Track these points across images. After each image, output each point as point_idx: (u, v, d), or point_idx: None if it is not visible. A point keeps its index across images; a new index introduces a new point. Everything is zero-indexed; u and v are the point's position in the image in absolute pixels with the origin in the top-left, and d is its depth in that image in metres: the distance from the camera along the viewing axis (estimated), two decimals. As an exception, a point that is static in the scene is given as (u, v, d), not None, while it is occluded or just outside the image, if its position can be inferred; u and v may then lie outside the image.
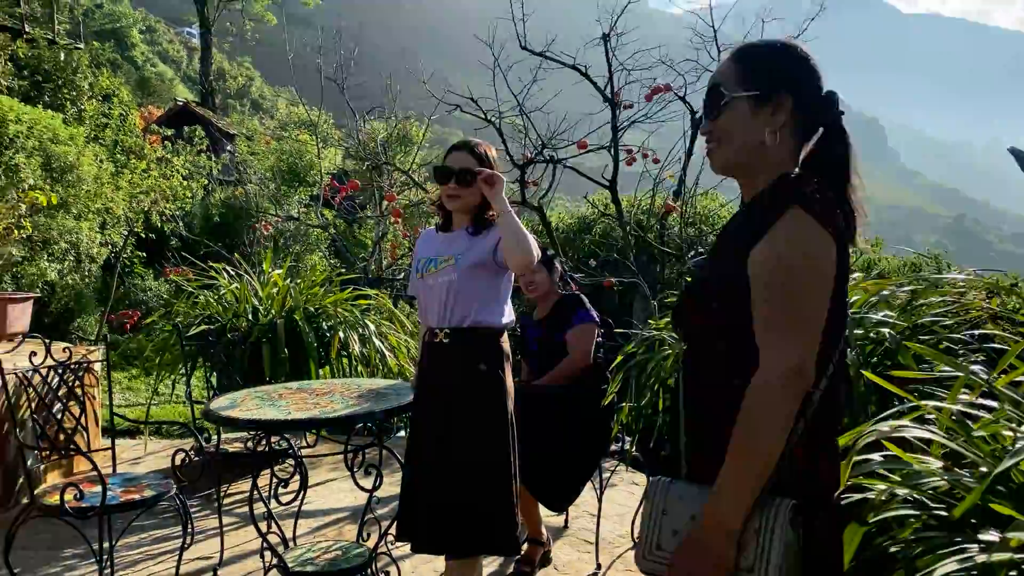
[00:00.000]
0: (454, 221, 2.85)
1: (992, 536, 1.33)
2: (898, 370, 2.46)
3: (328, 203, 10.10)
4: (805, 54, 1.56)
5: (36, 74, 12.85)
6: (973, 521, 1.51)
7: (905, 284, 3.35)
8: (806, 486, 1.41)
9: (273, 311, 5.32)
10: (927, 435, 1.66)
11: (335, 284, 6.02)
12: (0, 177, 7.48)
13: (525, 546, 3.65)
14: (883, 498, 1.60)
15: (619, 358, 3.73)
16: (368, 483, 3.08)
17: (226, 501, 4.41)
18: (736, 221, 1.55)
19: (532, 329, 3.96)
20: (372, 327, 5.48)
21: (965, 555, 1.28)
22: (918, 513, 1.57)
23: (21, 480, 4.23)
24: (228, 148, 19.46)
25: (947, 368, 2.25)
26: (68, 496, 2.86)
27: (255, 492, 2.92)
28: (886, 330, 2.90)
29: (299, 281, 5.81)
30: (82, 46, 18.19)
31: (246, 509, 4.19)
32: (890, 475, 1.70)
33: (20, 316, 5.06)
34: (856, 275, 3.91)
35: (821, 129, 1.55)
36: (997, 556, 1.22)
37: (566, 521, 4.27)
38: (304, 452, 4.04)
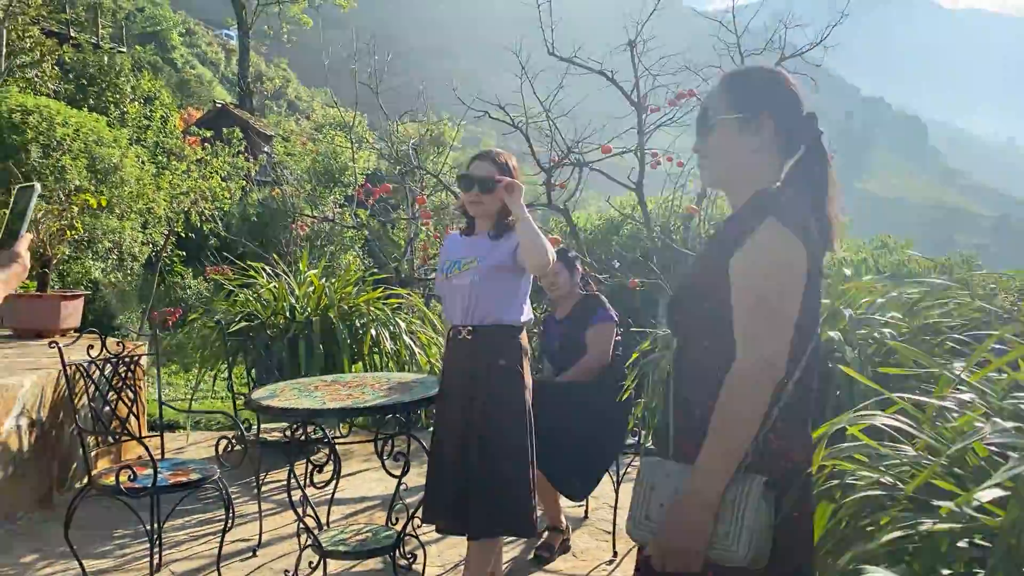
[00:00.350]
0: (477, 225, 3.04)
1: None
2: (900, 368, 2.61)
3: (362, 204, 10.34)
4: (786, 79, 1.74)
5: (81, 78, 13.29)
6: (935, 503, 1.68)
7: (891, 288, 3.49)
8: (779, 466, 1.59)
9: (309, 309, 5.55)
10: (896, 424, 1.83)
11: (368, 283, 6.25)
12: (48, 179, 7.84)
13: (545, 533, 3.85)
14: (851, 480, 1.77)
15: (635, 355, 3.90)
16: (397, 471, 3.30)
17: (264, 489, 4.64)
18: (721, 230, 1.73)
19: (553, 327, 4.14)
20: (403, 325, 5.68)
21: (911, 527, 1.45)
22: (888, 493, 1.74)
23: (75, 467, 4.51)
24: (265, 149, 19.83)
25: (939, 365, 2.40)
26: (123, 477, 3.11)
27: (292, 478, 3.15)
28: (887, 330, 3.05)
29: (334, 281, 6.03)
30: (124, 50, 18.74)
31: (283, 496, 4.42)
32: (864, 459, 1.87)
33: (73, 313, 5.36)
34: (867, 277, 4.05)
35: (803, 147, 1.73)
36: (939, 526, 1.39)
37: (586, 512, 4.45)
38: (337, 442, 4.27)
